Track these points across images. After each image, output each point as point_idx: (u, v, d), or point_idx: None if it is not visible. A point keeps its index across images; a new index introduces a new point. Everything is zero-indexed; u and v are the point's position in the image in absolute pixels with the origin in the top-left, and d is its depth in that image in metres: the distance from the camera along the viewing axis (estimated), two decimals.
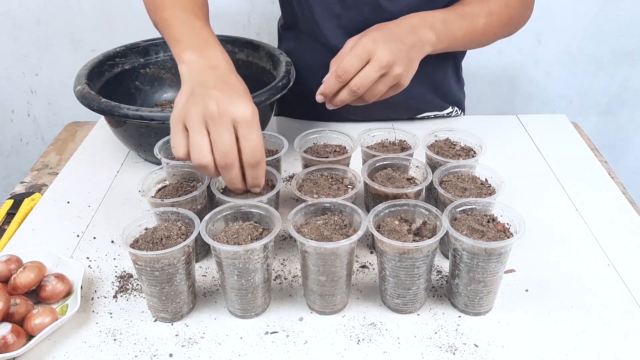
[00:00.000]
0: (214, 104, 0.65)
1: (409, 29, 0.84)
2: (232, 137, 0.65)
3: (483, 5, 0.92)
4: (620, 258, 0.77)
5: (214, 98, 0.66)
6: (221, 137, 0.65)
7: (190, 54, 0.73)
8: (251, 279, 0.65)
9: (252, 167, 0.67)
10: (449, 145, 0.85)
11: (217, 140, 0.65)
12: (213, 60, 0.73)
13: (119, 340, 0.66)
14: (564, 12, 1.62)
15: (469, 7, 0.91)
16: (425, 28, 0.85)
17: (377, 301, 0.71)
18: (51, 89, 1.74)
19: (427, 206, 0.69)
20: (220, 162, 0.66)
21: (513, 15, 0.95)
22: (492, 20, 0.92)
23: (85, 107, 0.90)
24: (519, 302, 0.71)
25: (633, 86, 1.75)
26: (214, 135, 0.65)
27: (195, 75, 0.71)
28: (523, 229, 0.65)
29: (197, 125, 0.66)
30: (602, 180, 0.94)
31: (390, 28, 0.84)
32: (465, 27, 0.90)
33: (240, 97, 0.67)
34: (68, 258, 0.75)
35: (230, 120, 0.65)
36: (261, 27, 1.64)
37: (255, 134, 0.66)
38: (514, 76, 1.74)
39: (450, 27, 0.88)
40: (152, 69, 1.10)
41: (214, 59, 0.73)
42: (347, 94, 0.80)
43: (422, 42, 0.84)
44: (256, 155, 0.67)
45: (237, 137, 0.66)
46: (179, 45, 0.75)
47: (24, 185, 0.96)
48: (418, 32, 0.84)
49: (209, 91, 0.67)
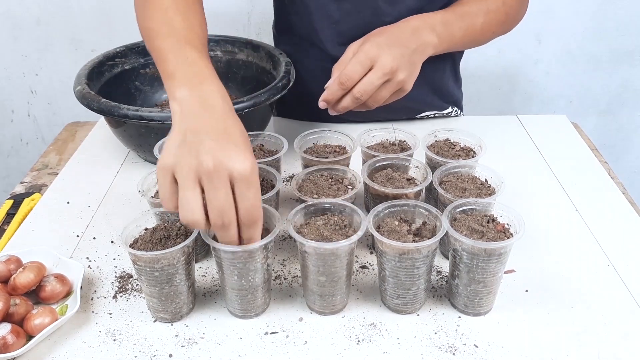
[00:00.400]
0: (208, 159, 0.58)
1: (410, 32, 0.84)
2: (228, 195, 0.58)
3: (481, 4, 0.92)
4: (620, 258, 0.77)
5: (209, 150, 0.58)
6: (217, 196, 0.58)
7: (182, 90, 0.65)
8: (251, 279, 0.65)
9: (248, 227, 0.61)
10: (449, 146, 0.85)
11: (212, 198, 0.58)
12: (208, 98, 0.64)
13: (118, 340, 0.66)
14: (563, 12, 1.62)
15: (467, 7, 0.91)
16: (426, 30, 0.85)
17: (377, 301, 0.71)
18: (51, 89, 1.74)
19: (427, 206, 0.69)
20: (216, 221, 0.59)
21: (510, 12, 0.95)
22: (490, 18, 0.92)
23: (85, 107, 0.90)
24: (519, 302, 0.71)
25: (633, 86, 1.75)
26: (208, 193, 0.59)
27: (188, 117, 0.63)
28: (523, 229, 0.65)
29: (187, 182, 0.58)
30: (602, 180, 0.94)
31: (391, 32, 0.84)
32: (465, 27, 0.90)
33: (237, 148, 0.60)
34: (68, 258, 0.75)
35: (227, 175, 0.58)
36: (261, 27, 1.64)
37: (253, 192, 0.59)
38: (513, 76, 1.74)
39: (450, 28, 0.88)
40: (152, 69, 1.10)
41: (209, 96, 0.65)
42: (351, 101, 0.80)
43: (424, 45, 0.84)
44: (253, 215, 0.60)
45: (234, 194, 0.59)
46: (172, 81, 0.67)
47: (24, 185, 0.96)
48: (420, 35, 0.84)
49: (203, 140, 0.59)
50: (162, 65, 0.70)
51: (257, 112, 0.92)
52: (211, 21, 0.85)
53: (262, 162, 0.80)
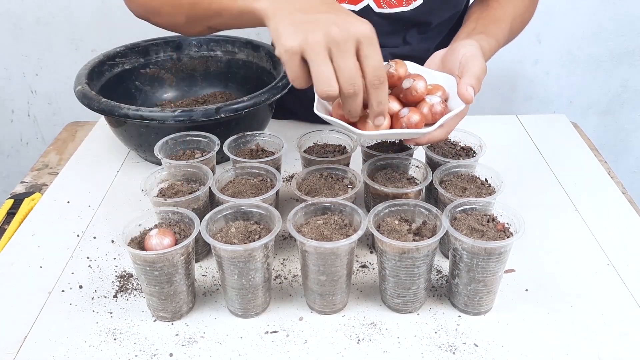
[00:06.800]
0: (334, 29, 0.60)
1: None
2: (356, 61, 0.61)
3: (507, 6, 0.91)
4: (620, 258, 0.77)
5: (331, 22, 0.60)
6: (346, 64, 0.60)
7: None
8: (251, 278, 0.66)
9: (376, 88, 0.62)
10: (449, 145, 0.85)
11: (343, 66, 0.60)
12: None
13: (119, 339, 0.66)
14: (563, 12, 1.62)
15: (494, 11, 0.90)
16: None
17: (377, 301, 0.71)
18: (51, 89, 1.74)
19: (427, 206, 0.69)
20: (347, 90, 0.61)
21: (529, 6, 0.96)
22: (516, 22, 0.92)
23: (86, 107, 0.90)
24: (519, 301, 0.71)
25: (633, 86, 1.75)
26: (338, 62, 0.60)
27: (284, 4, 0.64)
28: (523, 228, 0.65)
29: (320, 56, 0.60)
30: (602, 180, 0.94)
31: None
32: (500, 32, 0.88)
33: (351, 16, 0.62)
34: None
35: (354, 42, 0.60)
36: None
37: (377, 52, 0.61)
38: (514, 76, 1.74)
39: (493, 47, 0.86)
40: (152, 69, 1.10)
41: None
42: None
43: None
44: (380, 75, 0.61)
45: (359, 59, 0.61)
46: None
47: (24, 185, 0.96)
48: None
49: (318, 17, 0.61)
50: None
51: (257, 112, 0.92)
52: None
53: (262, 162, 0.80)
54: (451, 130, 0.72)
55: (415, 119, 0.68)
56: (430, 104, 0.70)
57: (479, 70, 0.71)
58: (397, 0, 0.92)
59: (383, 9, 0.92)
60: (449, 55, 0.77)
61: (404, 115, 0.68)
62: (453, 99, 0.72)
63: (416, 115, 0.68)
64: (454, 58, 0.75)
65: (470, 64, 0.72)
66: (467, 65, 0.72)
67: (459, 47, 0.75)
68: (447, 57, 0.77)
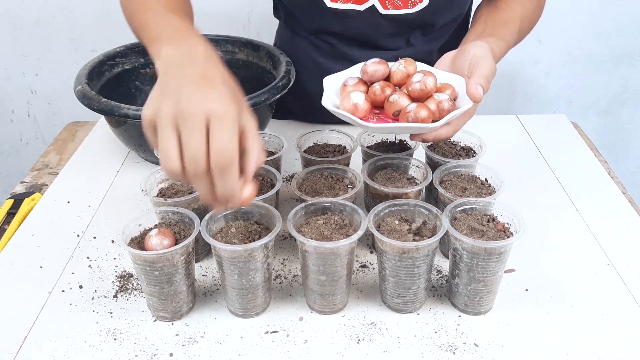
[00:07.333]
0: (183, 101, 0.55)
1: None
2: (202, 139, 0.54)
3: (516, 7, 0.90)
4: (620, 258, 0.77)
5: (187, 93, 0.56)
6: (190, 141, 0.54)
7: (166, 49, 0.63)
8: (251, 278, 0.66)
9: (219, 172, 0.54)
10: (449, 145, 0.85)
11: (186, 143, 0.54)
12: (191, 51, 0.62)
13: (119, 339, 0.66)
14: (563, 12, 1.62)
15: (503, 13, 0.90)
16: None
17: (377, 301, 0.71)
18: (51, 89, 1.74)
19: (427, 206, 0.69)
20: (189, 169, 0.55)
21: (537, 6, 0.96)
22: (525, 23, 0.92)
23: (86, 107, 0.90)
24: (519, 301, 0.71)
25: (633, 86, 1.75)
26: (183, 138, 0.55)
27: (170, 69, 0.61)
28: (523, 228, 0.65)
29: (165, 129, 0.55)
30: (602, 180, 0.94)
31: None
32: (510, 32, 0.87)
33: (216, 91, 0.56)
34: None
35: (203, 118, 0.54)
36: (261, 27, 1.64)
37: (226, 132, 0.54)
38: (514, 76, 1.74)
39: (503, 49, 0.85)
40: (152, 69, 1.10)
41: (192, 49, 0.62)
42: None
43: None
44: (224, 157, 0.54)
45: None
46: (156, 44, 0.65)
47: (24, 185, 0.96)
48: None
49: (181, 87, 0.57)
50: (145, 34, 0.69)
51: (257, 112, 0.92)
52: (211, 21, 0.86)
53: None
54: (458, 129, 0.72)
55: (422, 114, 0.68)
56: (438, 101, 0.70)
57: (489, 71, 0.71)
58: (403, 2, 0.92)
59: (388, 10, 0.92)
60: (459, 56, 0.76)
61: (411, 109, 0.68)
62: (461, 99, 0.72)
63: (424, 111, 0.68)
64: (464, 59, 0.75)
65: (480, 64, 0.72)
66: (477, 66, 0.72)
67: (469, 48, 0.75)
68: (457, 58, 0.77)
